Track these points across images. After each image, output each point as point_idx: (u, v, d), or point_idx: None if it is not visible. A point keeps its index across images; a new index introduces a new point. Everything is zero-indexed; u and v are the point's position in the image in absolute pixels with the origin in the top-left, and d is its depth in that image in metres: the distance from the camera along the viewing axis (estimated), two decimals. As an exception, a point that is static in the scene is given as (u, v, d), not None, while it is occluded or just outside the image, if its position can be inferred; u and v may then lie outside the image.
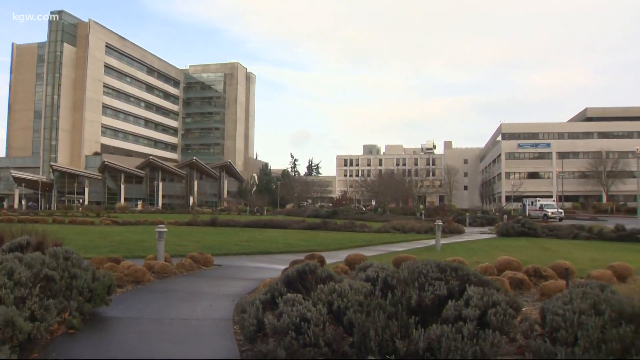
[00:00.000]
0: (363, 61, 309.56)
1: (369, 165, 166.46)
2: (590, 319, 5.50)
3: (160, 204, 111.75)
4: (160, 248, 14.83)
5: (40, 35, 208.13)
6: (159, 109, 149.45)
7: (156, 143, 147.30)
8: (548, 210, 70.42)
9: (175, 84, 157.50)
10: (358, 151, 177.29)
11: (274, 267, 15.34)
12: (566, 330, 5.55)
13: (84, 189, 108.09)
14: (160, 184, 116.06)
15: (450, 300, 6.17)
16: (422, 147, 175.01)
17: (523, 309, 8.92)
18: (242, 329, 7.19)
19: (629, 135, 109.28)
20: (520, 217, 50.80)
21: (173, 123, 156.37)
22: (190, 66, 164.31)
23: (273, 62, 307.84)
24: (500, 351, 5.99)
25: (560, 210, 70.98)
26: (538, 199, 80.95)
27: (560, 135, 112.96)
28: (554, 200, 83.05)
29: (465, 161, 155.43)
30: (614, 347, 5.31)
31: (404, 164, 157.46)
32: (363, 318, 6.09)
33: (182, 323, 8.61)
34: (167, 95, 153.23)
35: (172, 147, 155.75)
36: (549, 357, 5.35)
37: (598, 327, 5.42)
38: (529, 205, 79.33)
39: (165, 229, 15.22)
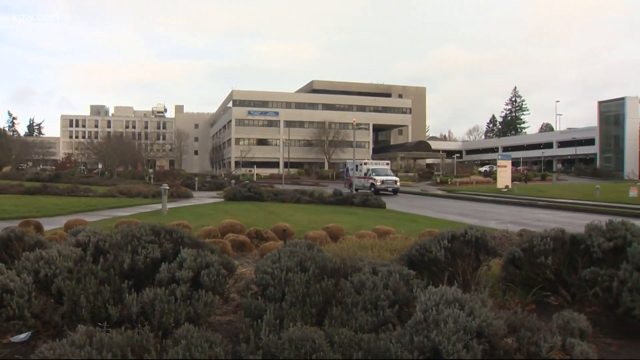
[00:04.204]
0: (94, 15, 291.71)
1: (96, 126, 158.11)
2: (297, 275, 5.83)
3: None
4: None
5: None
6: None
7: None
8: (376, 178, 51.47)
9: None
10: (87, 111, 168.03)
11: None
12: (275, 287, 5.82)
13: None
14: None
15: (164, 263, 6.12)
16: (153, 110, 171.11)
17: (243, 270, 9.21)
18: None
19: (349, 108, 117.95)
20: (247, 182, 52.19)
21: None
22: None
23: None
24: (214, 311, 6.10)
25: (394, 178, 52.81)
26: (365, 161, 59.37)
27: (288, 105, 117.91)
28: (387, 164, 60.48)
29: (197, 126, 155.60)
30: (317, 300, 5.70)
31: (134, 127, 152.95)
32: (73, 285, 5.78)
33: None
34: None
35: None
36: (260, 313, 5.56)
37: (303, 282, 5.77)
38: (351, 170, 55.90)
39: None
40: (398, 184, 52.13)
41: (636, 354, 5.99)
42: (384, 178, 51.59)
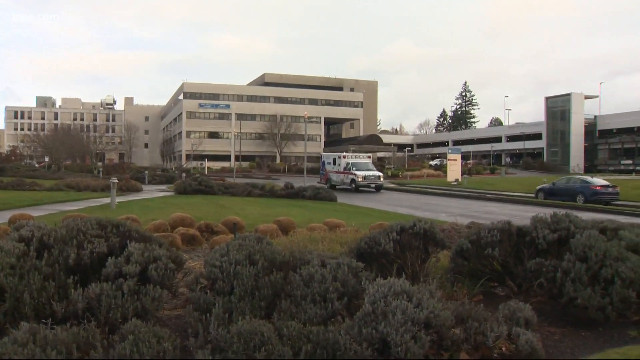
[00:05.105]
0: (40, 3, 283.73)
1: (43, 118, 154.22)
2: (245, 269, 5.80)
3: None
4: None
5: None
6: None
7: None
8: (358, 173, 45.43)
9: None
10: (33, 103, 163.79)
11: None
12: (223, 280, 5.78)
13: None
14: None
15: (110, 258, 6.02)
16: (101, 102, 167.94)
17: (193, 264, 9.14)
18: None
19: (301, 101, 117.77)
20: (198, 175, 51.58)
21: None
22: None
23: None
24: (162, 305, 6.03)
25: (377, 173, 47.25)
26: (344, 154, 51.67)
27: (240, 98, 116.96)
28: (368, 157, 53.18)
29: (147, 118, 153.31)
30: (266, 293, 5.70)
31: (82, 119, 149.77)
32: (16, 281, 5.64)
33: None
34: None
35: None
36: (209, 307, 5.53)
37: (252, 276, 5.75)
38: (329, 164, 51.15)
39: None
40: (381, 179, 46.95)
41: (578, 341, 6.17)
42: (366, 173, 45.86)
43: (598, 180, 35.46)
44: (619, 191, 34.00)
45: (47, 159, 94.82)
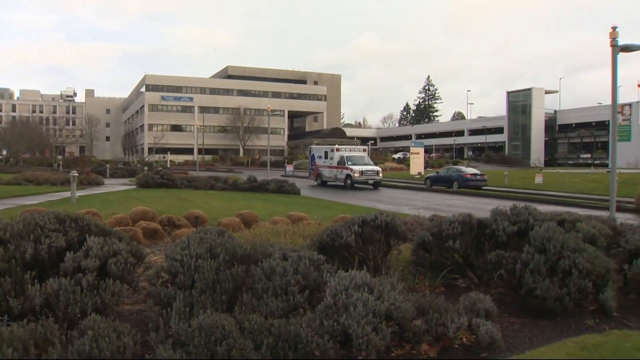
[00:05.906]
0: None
1: (0, 110, 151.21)
2: (206, 262, 5.77)
3: None
4: None
5: None
6: None
7: None
8: (354, 168, 40.99)
9: None
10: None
11: None
12: (184, 274, 5.75)
13: None
14: None
15: (69, 252, 5.93)
16: (61, 94, 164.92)
17: (154, 258, 9.05)
18: None
19: (264, 94, 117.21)
20: (161, 168, 50.99)
21: None
22: None
23: None
24: (122, 300, 5.98)
25: (376, 168, 42.77)
26: (337, 146, 45.88)
27: (203, 90, 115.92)
28: (364, 150, 48.27)
29: (108, 111, 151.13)
30: (227, 287, 5.68)
31: (42, 112, 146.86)
32: (-30, 277, 5.53)
33: None
34: None
35: None
36: (169, 301, 5.49)
37: (213, 269, 5.73)
38: (319, 157, 46.75)
39: None
40: (380, 175, 42.29)
41: (537, 331, 6.28)
42: (363, 168, 41.15)
43: (469, 170, 44.03)
44: (486, 178, 41.30)
45: (4, 152, 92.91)
